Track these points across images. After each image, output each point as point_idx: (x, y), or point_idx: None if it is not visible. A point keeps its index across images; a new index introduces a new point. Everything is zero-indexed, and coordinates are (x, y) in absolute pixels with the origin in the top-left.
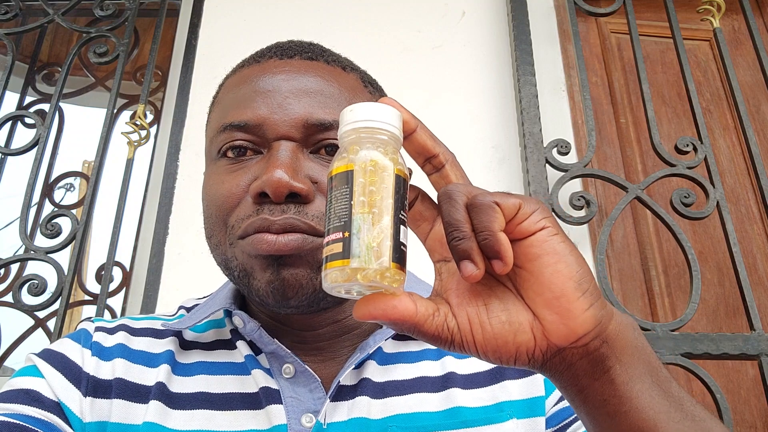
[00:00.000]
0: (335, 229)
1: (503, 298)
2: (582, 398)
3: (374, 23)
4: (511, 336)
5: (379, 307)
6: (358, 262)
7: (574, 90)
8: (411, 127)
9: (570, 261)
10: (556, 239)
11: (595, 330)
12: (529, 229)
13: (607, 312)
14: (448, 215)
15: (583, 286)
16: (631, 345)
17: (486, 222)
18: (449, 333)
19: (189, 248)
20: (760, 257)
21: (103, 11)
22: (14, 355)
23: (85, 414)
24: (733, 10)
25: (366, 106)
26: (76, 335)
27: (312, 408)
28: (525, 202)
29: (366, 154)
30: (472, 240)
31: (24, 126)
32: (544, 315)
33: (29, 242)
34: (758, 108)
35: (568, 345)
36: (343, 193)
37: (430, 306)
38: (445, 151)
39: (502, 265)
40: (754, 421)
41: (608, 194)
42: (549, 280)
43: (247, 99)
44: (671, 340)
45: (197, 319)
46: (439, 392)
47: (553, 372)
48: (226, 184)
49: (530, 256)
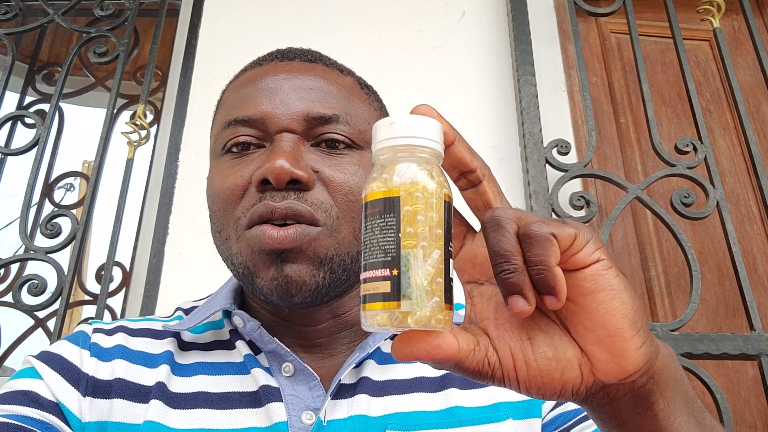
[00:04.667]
0: (379, 265)
1: (548, 331)
2: (621, 431)
3: (374, 23)
4: (558, 373)
5: (423, 348)
6: (410, 305)
7: (574, 90)
8: (449, 139)
9: (625, 298)
10: (611, 273)
11: (645, 367)
12: (583, 261)
13: (655, 348)
14: (497, 245)
15: (637, 324)
16: (674, 378)
17: (542, 255)
18: (490, 369)
19: (189, 248)
20: (760, 257)
21: (103, 11)
22: (14, 355)
23: (84, 414)
24: (733, 10)
25: (406, 119)
26: (73, 337)
27: (312, 405)
28: (580, 232)
29: (411, 176)
30: (524, 274)
31: (24, 126)
32: (594, 352)
33: (29, 242)
34: (758, 108)
35: (616, 382)
36: (388, 222)
37: (471, 340)
38: (482, 165)
39: (556, 301)
40: (754, 421)
41: (608, 194)
42: (603, 317)
43: (250, 97)
44: (671, 340)
45: (197, 320)
46: (437, 392)
47: (593, 405)
48: (231, 177)
49: (584, 290)
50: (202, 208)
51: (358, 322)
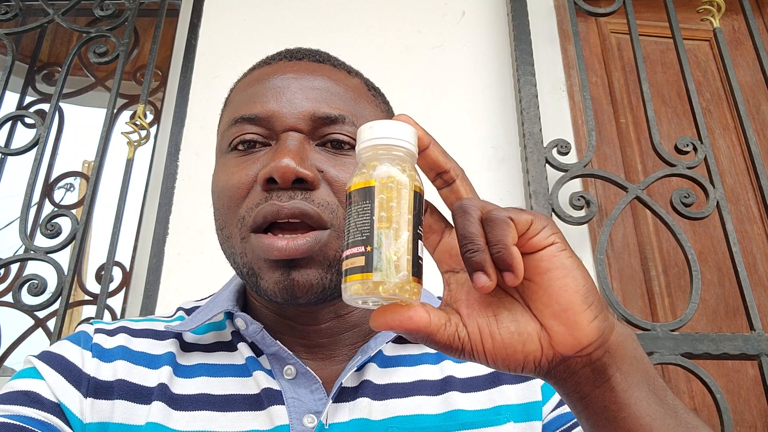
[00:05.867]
0: (356, 243)
1: (512, 309)
2: (583, 404)
3: (374, 23)
4: (519, 345)
5: (396, 318)
6: (380, 276)
7: (574, 90)
8: (424, 143)
9: (577, 275)
10: (564, 254)
11: (599, 340)
12: (539, 243)
13: (609, 323)
14: (463, 228)
15: (588, 299)
16: (631, 355)
17: (500, 236)
18: (460, 342)
19: (189, 248)
20: (760, 257)
21: (103, 11)
22: (14, 355)
23: (85, 415)
24: (733, 10)
25: (384, 123)
26: (75, 337)
27: (313, 409)
28: (536, 218)
29: (385, 170)
30: (486, 252)
31: (24, 126)
32: (552, 325)
33: (29, 242)
34: (758, 108)
35: (573, 354)
36: (364, 208)
37: (442, 316)
38: (455, 166)
39: (514, 277)
40: (754, 421)
41: (608, 194)
42: (557, 293)
43: (257, 95)
44: (671, 340)
45: (199, 321)
46: (438, 395)
47: (556, 379)
48: (236, 175)
49: (539, 269)
50: (202, 208)
51: (360, 323)
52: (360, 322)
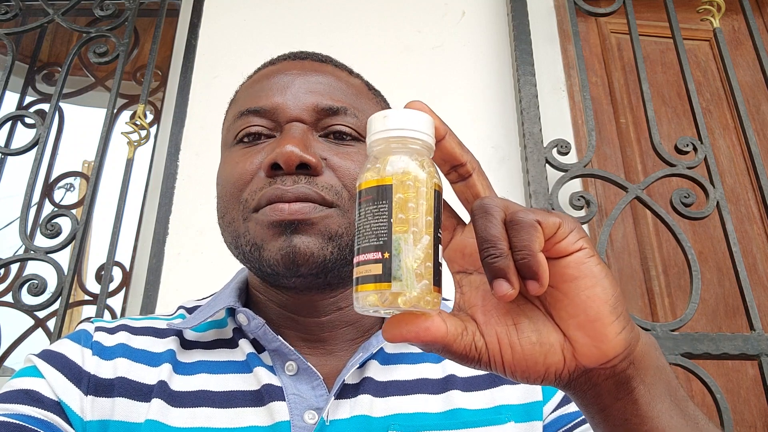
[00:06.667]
0: (370, 249)
1: (533, 317)
2: (602, 417)
3: (374, 23)
4: (541, 357)
5: (412, 330)
6: (399, 287)
7: (574, 90)
8: (440, 133)
9: (606, 284)
10: (592, 261)
11: (625, 352)
12: (566, 249)
13: (635, 334)
14: (484, 230)
15: (617, 309)
16: (654, 365)
17: (526, 241)
18: (477, 352)
19: (189, 248)
20: (760, 257)
21: (103, 11)
22: (14, 355)
23: (86, 412)
24: (733, 10)
25: (399, 113)
26: (75, 335)
27: (314, 405)
28: (564, 221)
29: (403, 166)
30: (509, 258)
31: (24, 126)
32: (576, 337)
33: (29, 242)
34: (758, 108)
35: (596, 366)
36: (380, 209)
37: (459, 324)
38: (471, 159)
39: (539, 286)
40: (754, 421)
41: (608, 194)
42: (584, 302)
43: (262, 90)
44: (671, 340)
45: (201, 319)
46: (439, 394)
47: (576, 390)
48: (240, 164)
49: (566, 277)
50: (202, 208)
51: (361, 318)
52: (361, 317)
